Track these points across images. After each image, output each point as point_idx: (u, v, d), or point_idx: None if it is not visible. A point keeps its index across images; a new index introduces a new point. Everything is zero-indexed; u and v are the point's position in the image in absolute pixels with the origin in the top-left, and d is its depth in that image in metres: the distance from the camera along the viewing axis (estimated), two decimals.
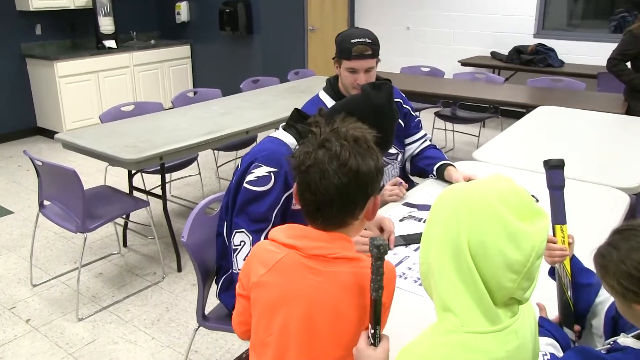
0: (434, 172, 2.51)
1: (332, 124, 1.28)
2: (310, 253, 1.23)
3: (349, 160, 1.20)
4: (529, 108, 4.02)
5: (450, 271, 0.98)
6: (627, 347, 1.11)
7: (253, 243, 1.74)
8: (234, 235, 1.78)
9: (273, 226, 1.77)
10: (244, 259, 1.75)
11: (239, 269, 1.77)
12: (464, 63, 6.58)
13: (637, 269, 1.02)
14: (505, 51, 6.61)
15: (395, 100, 2.55)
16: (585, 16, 6.74)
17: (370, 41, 2.29)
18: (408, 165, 2.64)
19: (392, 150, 2.53)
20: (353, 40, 2.28)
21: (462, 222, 0.98)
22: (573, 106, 3.92)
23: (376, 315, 1.14)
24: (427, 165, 2.55)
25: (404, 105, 2.60)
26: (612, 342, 1.16)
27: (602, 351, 1.14)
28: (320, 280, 1.22)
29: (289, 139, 1.86)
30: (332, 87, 2.48)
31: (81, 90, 6.17)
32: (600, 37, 6.23)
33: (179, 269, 3.46)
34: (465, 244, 0.96)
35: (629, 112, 4.08)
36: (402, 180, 2.38)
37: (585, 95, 4.66)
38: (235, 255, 1.78)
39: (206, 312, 2.14)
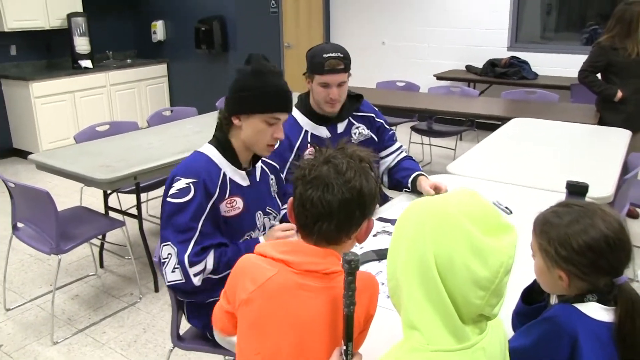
0: (409, 185, 2.49)
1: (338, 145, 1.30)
2: (303, 268, 1.21)
3: (354, 178, 1.21)
4: (504, 120, 4.05)
5: (416, 287, 0.96)
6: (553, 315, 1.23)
7: (178, 254, 1.77)
8: (162, 249, 1.80)
9: (202, 235, 1.80)
10: (173, 271, 1.77)
11: (167, 282, 1.80)
12: (439, 77, 6.64)
13: (576, 240, 1.17)
14: (479, 64, 6.69)
15: (367, 114, 2.56)
16: (558, 29, 6.87)
17: (342, 55, 2.29)
18: (385, 179, 2.62)
19: None
20: (325, 55, 2.27)
21: (428, 237, 0.96)
22: (547, 117, 3.97)
23: (348, 331, 1.12)
24: (402, 177, 2.53)
25: (377, 119, 2.59)
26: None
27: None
28: (313, 296, 1.20)
29: (210, 150, 1.90)
30: (302, 103, 2.47)
31: (57, 111, 6.11)
32: (573, 49, 6.33)
33: (156, 289, 3.41)
34: (432, 260, 0.95)
35: (601, 122, 4.14)
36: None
37: (559, 107, 4.72)
38: (163, 268, 1.80)
39: (181, 332, 2.10)
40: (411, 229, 1.00)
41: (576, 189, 1.46)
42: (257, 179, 2.01)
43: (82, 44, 6.42)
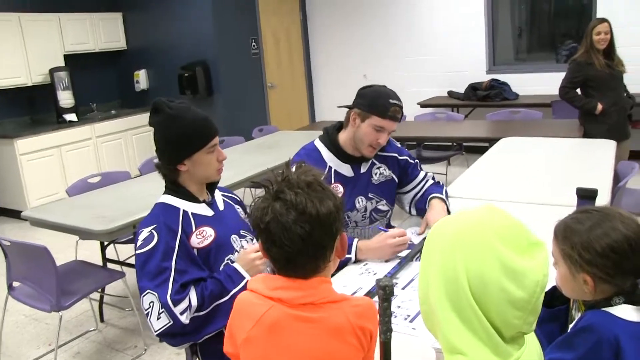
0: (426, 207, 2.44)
1: (282, 174, 1.26)
2: (298, 302, 1.20)
3: (307, 207, 1.18)
4: (492, 141, 4.11)
5: (451, 311, 0.96)
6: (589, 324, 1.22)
7: (160, 298, 1.75)
8: (142, 300, 1.79)
9: (178, 272, 1.79)
10: (158, 318, 1.75)
11: (155, 331, 1.78)
12: (423, 104, 6.74)
13: (599, 243, 1.21)
14: (461, 89, 6.81)
15: (391, 154, 2.48)
16: (530, 50, 7.06)
17: (401, 106, 2.28)
18: (414, 211, 2.56)
19: (383, 208, 2.48)
20: (392, 101, 2.23)
21: (459, 261, 0.95)
22: (534, 135, 4.04)
23: (386, 357, 1.11)
24: (424, 204, 2.47)
25: (401, 157, 2.51)
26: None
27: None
28: (313, 327, 1.19)
29: (165, 197, 1.95)
30: (329, 137, 2.40)
31: (44, 166, 6.08)
32: (548, 67, 6.49)
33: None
34: (465, 283, 0.94)
35: (585, 135, 4.23)
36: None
37: (543, 124, 4.80)
38: (148, 319, 1.78)
39: None
40: (440, 252, 0.99)
41: (587, 194, 1.51)
42: (221, 208, 2.04)
43: (65, 98, 6.45)
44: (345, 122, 2.36)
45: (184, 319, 1.77)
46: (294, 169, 1.27)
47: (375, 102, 2.24)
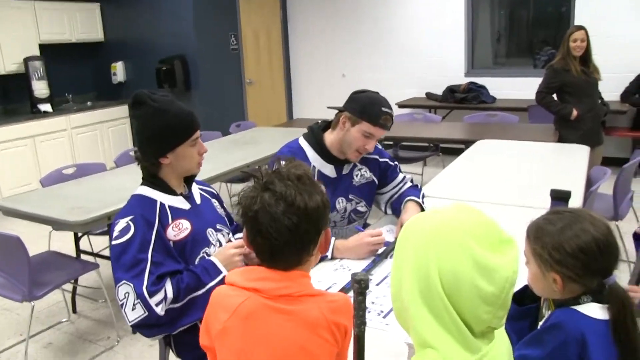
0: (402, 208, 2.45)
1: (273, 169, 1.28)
2: (275, 294, 1.21)
3: (296, 200, 1.19)
4: (468, 143, 4.17)
5: (423, 307, 0.98)
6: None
7: (136, 288, 1.75)
8: (118, 291, 1.79)
9: (154, 265, 1.79)
10: (133, 309, 1.75)
11: (129, 321, 1.77)
12: (401, 105, 6.79)
13: (569, 244, 1.25)
14: (439, 91, 6.88)
15: (371, 156, 2.49)
16: (508, 54, 7.17)
17: (392, 114, 2.29)
18: (389, 210, 2.58)
19: (362, 209, 2.50)
20: (384, 109, 2.23)
21: (431, 258, 0.97)
22: (509, 138, 4.11)
23: (360, 351, 1.13)
24: (399, 205, 2.48)
25: (381, 159, 2.52)
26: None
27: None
28: (288, 319, 1.20)
29: (142, 189, 1.95)
30: (314, 136, 2.39)
31: (17, 156, 5.98)
32: (525, 72, 6.62)
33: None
34: (437, 279, 0.96)
35: (560, 140, 4.31)
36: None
37: (519, 128, 4.89)
38: (123, 309, 1.78)
39: None
40: (413, 250, 1.01)
41: (560, 195, 1.56)
42: (198, 202, 2.05)
43: (40, 88, 6.35)
44: (333, 124, 2.36)
45: (159, 310, 1.77)
46: (283, 164, 1.29)
47: (368, 108, 2.24)
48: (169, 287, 1.81)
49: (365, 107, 2.25)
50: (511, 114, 5.31)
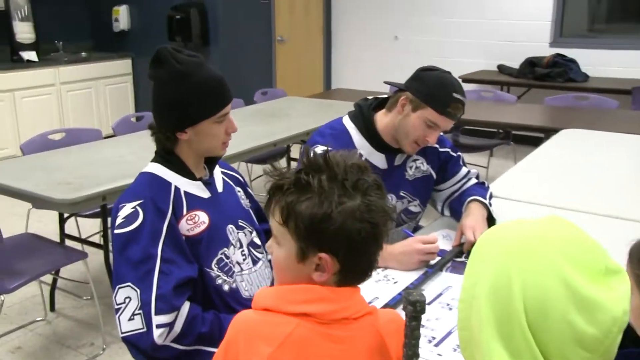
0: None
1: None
2: (332, 318, 1.21)
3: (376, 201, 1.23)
4: (549, 132, 4.10)
5: (498, 342, 0.95)
6: None
7: (142, 295, 1.72)
8: (117, 292, 1.77)
9: (165, 261, 1.76)
10: (131, 318, 1.72)
11: (122, 333, 1.74)
12: (466, 79, 6.67)
13: None
14: (515, 64, 6.78)
15: (431, 145, 2.42)
16: (610, 19, 6.97)
17: (464, 102, 2.24)
18: (447, 211, 2.57)
19: (415, 209, 2.48)
20: (455, 95, 2.18)
21: (515, 282, 0.94)
22: (604, 129, 4.02)
23: None
24: (460, 205, 2.45)
25: (442, 149, 2.50)
26: None
27: None
28: (345, 349, 1.21)
29: (154, 167, 1.92)
30: (363, 117, 2.36)
31: None
32: (632, 43, 6.45)
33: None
34: (520, 310, 0.93)
35: None
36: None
37: (618, 115, 4.79)
38: (118, 315, 1.76)
39: None
40: (491, 269, 0.98)
41: None
42: (220, 190, 2.03)
43: (24, 32, 6.45)
44: (389, 104, 2.32)
45: (157, 335, 1.71)
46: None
47: (435, 91, 2.19)
48: (181, 318, 1.76)
49: (433, 90, 2.20)
50: (608, 97, 5.19)
